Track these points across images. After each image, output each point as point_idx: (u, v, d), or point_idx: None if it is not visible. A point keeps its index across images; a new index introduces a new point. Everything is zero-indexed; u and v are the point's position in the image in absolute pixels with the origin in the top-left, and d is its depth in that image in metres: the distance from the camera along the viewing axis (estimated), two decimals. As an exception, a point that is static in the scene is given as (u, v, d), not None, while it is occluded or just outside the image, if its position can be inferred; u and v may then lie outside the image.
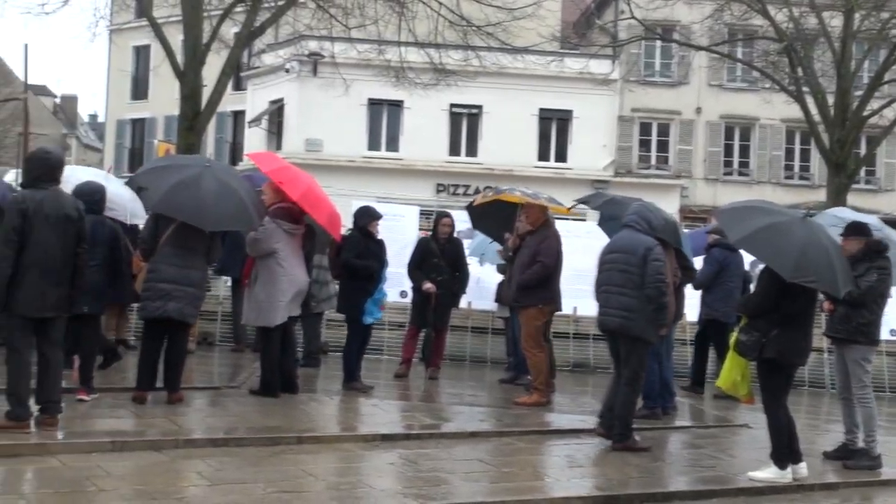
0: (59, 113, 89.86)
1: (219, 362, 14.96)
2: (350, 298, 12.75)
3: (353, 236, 12.75)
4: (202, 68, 21.41)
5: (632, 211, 10.54)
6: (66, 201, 9.07)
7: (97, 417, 9.90)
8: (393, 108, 40.97)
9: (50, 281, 8.84)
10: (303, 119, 41.01)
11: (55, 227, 8.86)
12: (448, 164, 41.36)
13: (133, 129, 57.12)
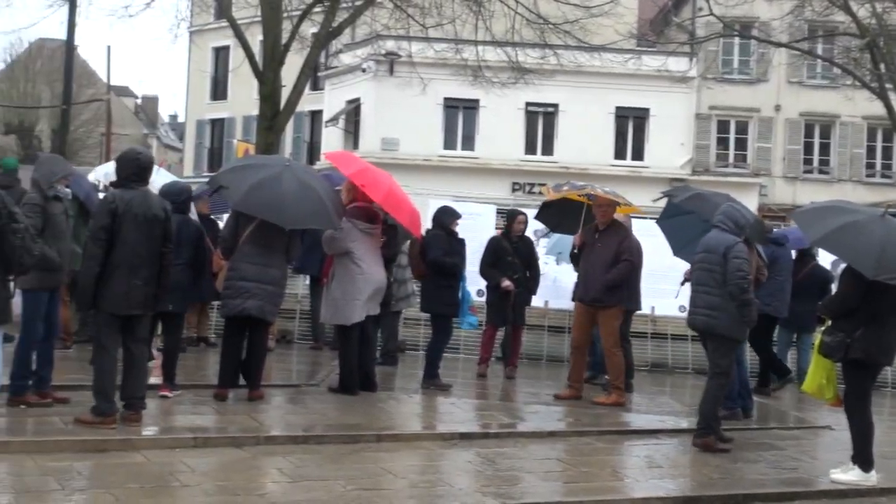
0: (140, 113, 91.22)
1: (297, 360, 15.10)
2: (434, 297, 12.77)
3: (438, 235, 12.77)
4: (281, 69, 21.57)
5: (720, 211, 10.50)
6: (155, 201, 9.22)
7: (179, 414, 10.04)
8: (469, 107, 40.98)
9: (137, 279, 8.98)
10: (379, 118, 41.19)
11: (143, 226, 9.00)
12: (523, 163, 41.29)
13: (212, 128, 57.81)
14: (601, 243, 12.61)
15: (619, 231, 12.75)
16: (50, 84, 61.98)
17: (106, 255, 8.89)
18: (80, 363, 12.20)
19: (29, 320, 9.55)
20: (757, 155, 44.26)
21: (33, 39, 62.96)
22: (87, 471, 7.67)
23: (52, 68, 62.43)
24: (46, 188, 9.63)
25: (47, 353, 9.82)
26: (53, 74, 61.50)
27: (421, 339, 16.59)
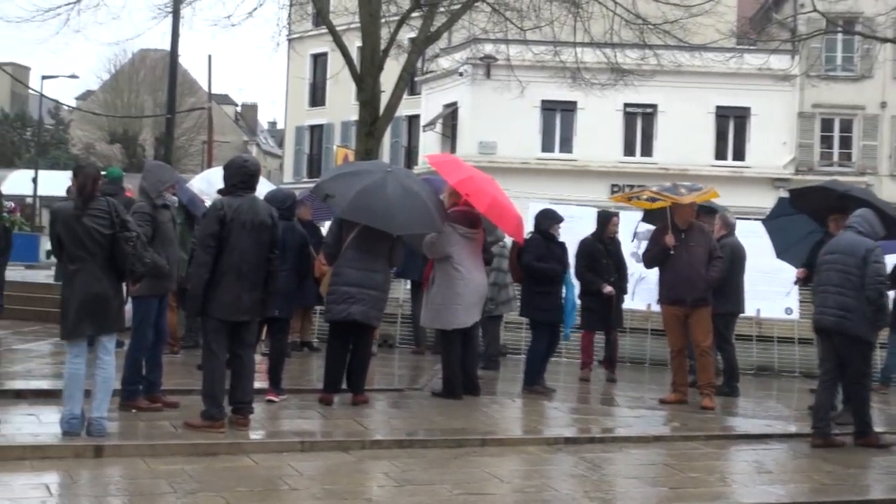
0: (240, 121, 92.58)
1: (399, 364, 15.17)
2: (530, 302, 12.74)
3: (535, 239, 12.74)
4: (380, 74, 21.72)
5: (857, 214, 10.44)
6: (262, 208, 9.33)
7: (286, 418, 10.16)
8: (566, 109, 40.80)
9: (245, 285, 9.12)
10: (476, 122, 41.23)
11: (251, 233, 9.13)
12: (622, 165, 40.99)
13: (311, 134, 58.43)
14: (693, 243, 12.45)
15: (703, 229, 12.64)
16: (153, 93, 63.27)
17: (215, 262, 9.04)
18: (187, 368, 12.44)
19: (139, 326, 9.75)
20: (862, 153, 43.33)
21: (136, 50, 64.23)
22: (197, 474, 7.79)
23: (154, 78, 63.75)
24: (155, 196, 9.82)
25: (156, 359, 10.02)
26: (156, 84, 62.79)
27: (522, 343, 16.56)
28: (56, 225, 8.57)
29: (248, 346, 9.35)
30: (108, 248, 8.49)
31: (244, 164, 9.41)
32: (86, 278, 8.46)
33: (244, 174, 9.30)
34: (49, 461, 7.99)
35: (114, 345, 8.79)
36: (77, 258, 8.49)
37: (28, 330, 15.87)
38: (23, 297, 17.96)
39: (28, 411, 9.56)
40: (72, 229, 8.47)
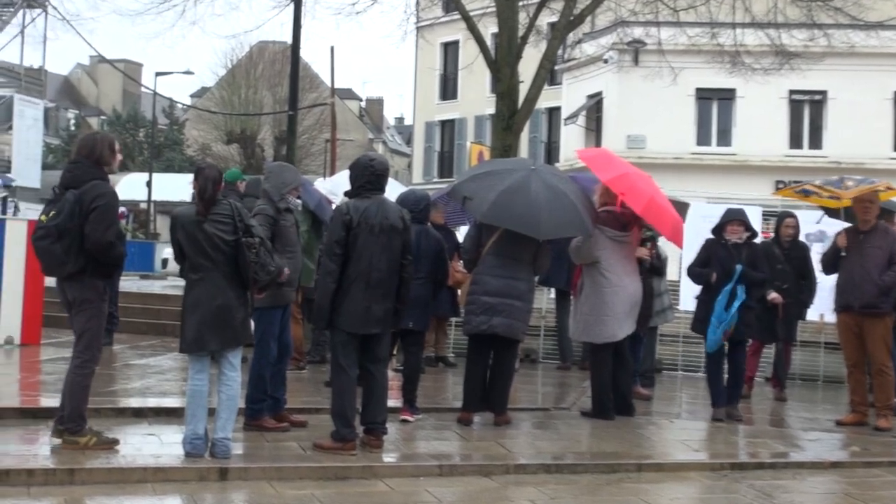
0: (364, 117, 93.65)
1: (543, 381, 15.14)
2: (700, 312, 12.40)
3: (708, 242, 12.40)
4: (518, 63, 21.72)
5: None
6: (392, 211, 9.37)
7: (422, 439, 10.23)
8: (724, 98, 40.27)
9: (375, 295, 9.19)
10: (623, 113, 40.97)
11: (380, 238, 9.19)
12: (788, 159, 40.25)
13: (442, 130, 58.81)
14: (872, 244, 12.13)
15: (888, 231, 12.28)
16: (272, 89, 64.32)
17: (342, 270, 9.15)
18: (314, 385, 12.62)
19: (262, 340, 9.90)
20: None
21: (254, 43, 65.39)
22: (328, 499, 7.89)
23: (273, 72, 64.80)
24: (277, 199, 9.98)
25: (281, 375, 10.17)
26: (275, 79, 63.82)
27: (679, 357, 16.38)
28: (176, 231, 8.77)
29: (381, 362, 9.43)
30: (231, 256, 8.65)
31: (370, 163, 9.46)
32: (208, 288, 8.63)
33: (371, 174, 9.36)
34: (171, 484, 8.19)
35: (239, 360, 8.94)
36: (198, 266, 8.67)
37: (146, 344, 16.29)
38: (139, 310, 18.46)
39: (148, 431, 9.80)
40: (192, 236, 8.66)
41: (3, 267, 14.98)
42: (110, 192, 8.73)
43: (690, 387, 15.19)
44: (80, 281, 8.72)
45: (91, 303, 8.78)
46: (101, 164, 8.83)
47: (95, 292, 8.75)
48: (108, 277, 8.94)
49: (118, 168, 9.08)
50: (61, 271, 8.75)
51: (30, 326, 15.19)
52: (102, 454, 8.59)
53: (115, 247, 8.66)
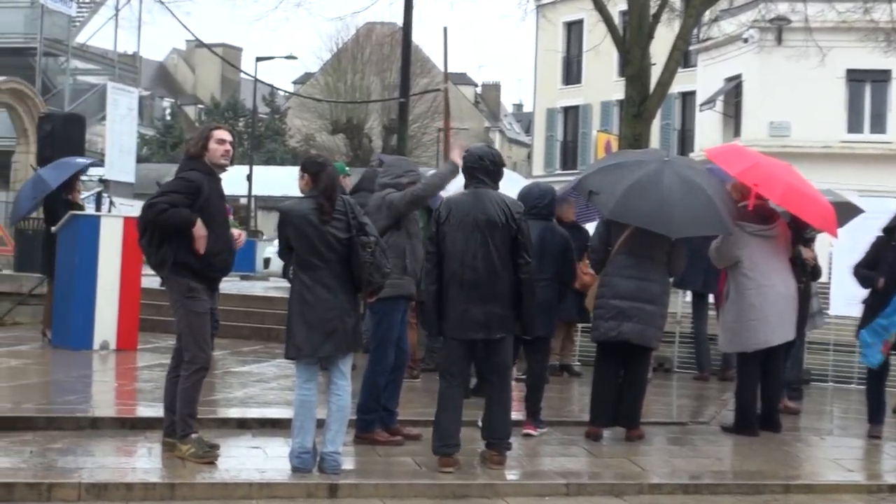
0: (480, 104, 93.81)
1: (679, 393, 15.04)
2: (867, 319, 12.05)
3: (878, 239, 12.13)
4: (650, 43, 21.58)
5: None
6: (490, 203, 9.24)
7: (547, 455, 10.23)
8: (878, 81, 39.54)
9: (472, 297, 9.18)
10: (765, 98, 40.43)
11: (473, 233, 9.19)
12: (953, 147, 39.42)
13: (565, 118, 58.69)
14: None
15: None
16: (380, 74, 64.76)
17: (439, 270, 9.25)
18: (429, 395, 12.64)
19: (381, 343, 9.97)
20: None
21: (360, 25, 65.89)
22: (446, 520, 7.93)
23: (381, 56, 65.26)
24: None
25: (396, 384, 10.23)
26: (384, 63, 64.30)
27: (830, 367, 16.13)
28: (286, 227, 8.86)
29: (499, 371, 9.36)
30: (344, 255, 8.73)
31: (480, 154, 9.46)
32: (318, 289, 8.71)
33: (478, 166, 9.36)
34: (277, 501, 8.31)
35: (349, 367, 9.02)
36: (309, 266, 8.75)
37: (248, 350, 16.50)
38: (240, 313, 18.68)
39: (252, 443, 9.94)
40: (304, 233, 8.74)
41: (98, 267, 15.24)
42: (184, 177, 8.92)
43: (842, 400, 14.97)
44: (164, 278, 9.02)
45: (177, 302, 9.01)
46: (194, 155, 9.04)
47: (178, 289, 8.95)
48: (203, 277, 9.02)
49: (228, 159, 9.16)
50: (150, 264, 9.09)
51: (126, 330, 15.46)
52: (205, 468, 8.73)
53: (156, 210, 8.74)
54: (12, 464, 8.82)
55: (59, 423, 10.20)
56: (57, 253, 15.91)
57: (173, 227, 8.78)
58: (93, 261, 15.23)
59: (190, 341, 9.00)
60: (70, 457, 9.12)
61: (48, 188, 16.12)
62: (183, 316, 9.01)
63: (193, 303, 8.97)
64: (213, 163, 9.06)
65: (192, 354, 8.99)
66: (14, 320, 18.09)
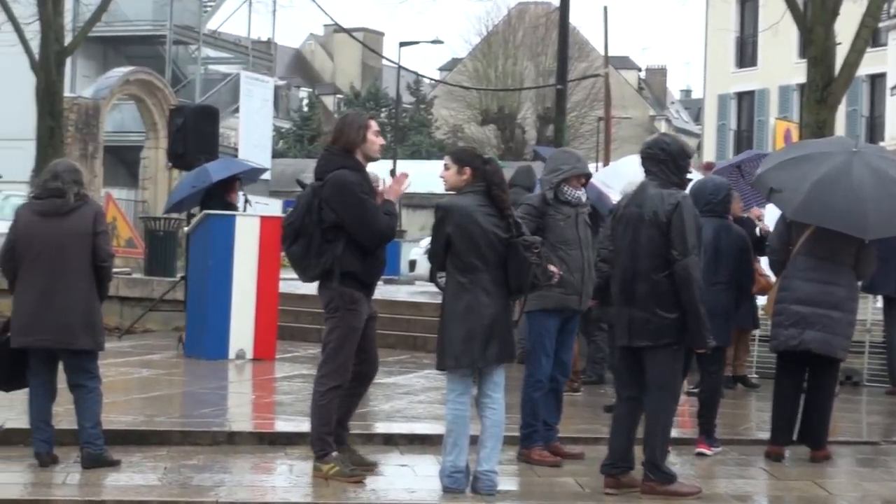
0: (644, 90, 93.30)
1: (869, 409, 14.82)
2: None
3: None
4: (834, 21, 21.26)
5: None
6: (650, 199, 9.13)
7: (723, 477, 10.16)
8: None
9: (620, 299, 9.23)
10: (966, 80, 39.61)
11: (627, 231, 9.21)
12: None
13: (738, 104, 58.10)
14: None
15: None
16: (534, 59, 64.82)
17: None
18: (591, 409, 12.67)
19: (533, 355, 10.03)
20: None
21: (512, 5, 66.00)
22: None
23: (535, 40, 65.30)
24: (547, 189, 10.09)
25: (556, 398, 10.26)
26: (538, 47, 64.36)
27: None
28: (446, 224, 8.92)
29: (652, 387, 9.12)
30: (503, 256, 8.79)
31: (650, 142, 9.43)
32: (477, 294, 8.77)
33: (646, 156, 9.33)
34: (428, 523, 8.41)
35: (503, 379, 9.05)
36: (468, 268, 8.81)
37: (393, 360, 16.61)
38: (385, 320, 18.70)
39: (401, 461, 10.07)
40: (468, 232, 8.79)
41: (234, 271, 15.47)
42: (349, 181, 8.98)
43: None
44: (326, 286, 9.07)
45: (336, 311, 9.07)
46: (350, 149, 9.11)
47: (342, 300, 9.02)
48: (365, 285, 9.15)
49: (380, 153, 9.29)
50: (305, 276, 9.16)
51: (263, 339, 15.71)
52: (350, 488, 8.85)
53: (388, 237, 9.01)
54: (146, 481, 9.09)
55: (195, 438, 10.48)
56: (189, 255, 16.25)
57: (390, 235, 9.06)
58: (227, 264, 15.48)
59: (334, 355, 9.11)
60: (206, 474, 9.36)
61: (209, 180, 16.50)
62: (337, 327, 9.11)
63: (352, 316, 9.07)
64: (366, 155, 9.17)
65: (331, 369, 9.11)
66: (145, 327, 18.50)
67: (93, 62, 48.15)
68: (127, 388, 13.06)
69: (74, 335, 9.23)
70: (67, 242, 9.27)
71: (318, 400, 9.13)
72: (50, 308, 9.20)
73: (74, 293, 9.25)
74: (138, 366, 14.68)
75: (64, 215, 9.29)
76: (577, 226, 10.16)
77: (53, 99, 23.32)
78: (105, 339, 9.80)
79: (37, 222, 9.35)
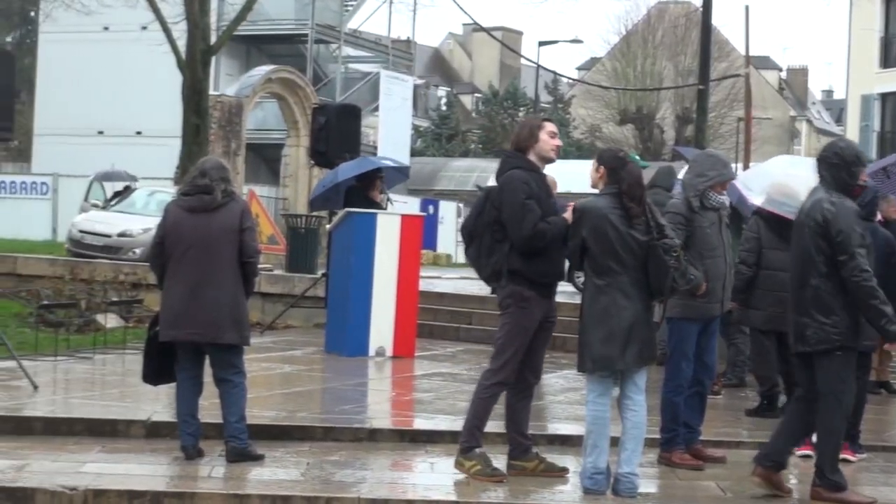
0: (785, 90, 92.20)
1: None
2: None
3: None
4: None
5: None
6: (813, 205, 8.99)
7: (867, 484, 9.94)
8: None
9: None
10: None
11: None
12: None
13: (882, 105, 57.02)
14: None
15: None
16: (673, 58, 64.38)
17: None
18: (733, 413, 12.55)
19: (673, 358, 9.97)
20: None
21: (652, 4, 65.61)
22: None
23: (675, 39, 64.89)
24: (692, 195, 9.99)
25: (699, 400, 10.18)
26: (677, 47, 63.92)
27: None
28: (583, 227, 8.88)
29: (825, 389, 9.00)
30: (642, 259, 8.72)
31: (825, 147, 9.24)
32: (614, 296, 8.73)
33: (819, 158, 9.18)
34: (570, 525, 8.38)
35: (644, 381, 9.00)
36: (605, 270, 8.77)
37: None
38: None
39: (540, 461, 10.03)
40: (604, 234, 8.76)
41: (375, 268, 15.55)
42: (515, 179, 8.99)
43: None
44: (500, 286, 9.13)
45: (506, 309, 9.12)
46: (523, 150, 9.15)
47: (512, 298, 9.05)
48: (536, 284, 9.09)
49: (556, 155, 9.28)
50: (481, 276, 9.30)
51: (403, 336, 15.77)
52: (490, 486, 8.86)
53: (535, 240, 8.89)
54: (289, 475, 9.19)
55: (336, 434, 10.58)
56: (330, 253, 16.41)
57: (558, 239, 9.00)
58: (368, 262, 15.56)
59: (503, 351, 9.12)
60: (348, 470, 9.43)
61: (335, 179, 16.78)
62: (508, 324, 9.13)
63: (523, 314, 9.06)
64: (540, 156, 9.18)
65: (498, 365, 9.12)
66: (286, 323, 18.69)
67: (236, 61, 48.77)
68: (269, 383, 13.20)
69: (221, 330, 9.36)
70: (215, 238, 9.40)
71: (479, 392, 9.20)
72: (198, 303, 9.33)
73: (222, 288, 9.39)
74: (280, 361, 14.82)
75: (212, 212, 9.42)
76: (720, 231, 10.09)
77: (199, 97, 23.64)
78: (251, 334, 9.94)
79: (185, 218, 9.48)
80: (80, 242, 25.02)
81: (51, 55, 50.13)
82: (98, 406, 11.57)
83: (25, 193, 40.87)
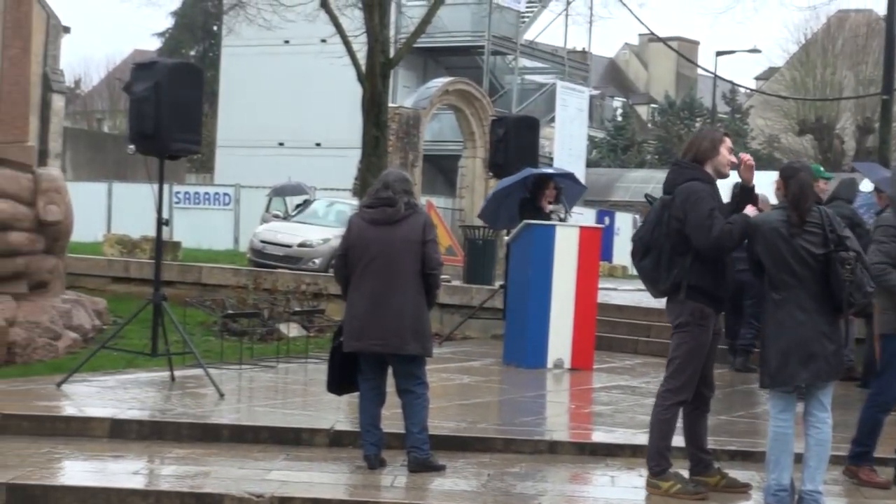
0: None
1: None
2: None
3: None
4: None
5: None
6: None
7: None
8: None
9: None
10: None
11: None
12: None
13: None
14: None
15: None
16: (853, 68, 63.12)
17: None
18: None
19: (884, 373, 9.79)
20: None
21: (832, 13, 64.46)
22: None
23: (855, 48, 63.63)
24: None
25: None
26: (858, 55, 62.62)
27: None
28: (756, 242, 8.79)
29: None
30: (820, 272, 8.59)
31: None
32: (791, 311, 8.62)
33: None
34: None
35: (829, 397, 8.84)
36: (781, 285, 8.67)
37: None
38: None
39: (721, 477, 9.91)
40: (775, 248, 8.66)
41: (553, 280, 15.53)
42: (698, 188, 8.89)
43: None
44: (675, 300, 9.01)
45: (684, 327, 9.00)
46: (700, 161, 9.07)
47: (692, 316, 8.94)
48: (714, 299, 9.01)
49: (729, 171, 9.19)
50: (656, 290, 9.12)
51: (581, 349, 15.73)
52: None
53: (722, 240, 8.77)
54: (470, 486, 9.25)
55: (517, 446, 10.58)
56: (509, 264, 16.44)
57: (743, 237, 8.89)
58: (547, 274, 15.55)
59: (681, 370, 9.03)
60: (528, 482, 9.45)
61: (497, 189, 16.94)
62: (685, 342, 9.02)
63: (701, 332, 8.98)
64: (717, 169, 9.09)
65: (677, 384, 9.02)
66: (464, 334, 18.76)
67: (413, 72, 49.12)
68: (448, 393, 13.26)
69: (404, 341, 9.43)
70: (398, 250, 9.48)
71: (660, 414, 9.08)
72: (381, 314, 9.41)
73: (405, 300, 9.46)
74: (458, 372, 14.87)
75: (395, 224, 9.50)
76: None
77: (379, 109, 23.79)
78: (433, 345, 10.00)
79: (369, 231, 9.57)
80: (261, 252, 25.51)
81: (233, 68, 51.00)
82: (281, 414, 11.77)
83: (209, 204, 41.73)
